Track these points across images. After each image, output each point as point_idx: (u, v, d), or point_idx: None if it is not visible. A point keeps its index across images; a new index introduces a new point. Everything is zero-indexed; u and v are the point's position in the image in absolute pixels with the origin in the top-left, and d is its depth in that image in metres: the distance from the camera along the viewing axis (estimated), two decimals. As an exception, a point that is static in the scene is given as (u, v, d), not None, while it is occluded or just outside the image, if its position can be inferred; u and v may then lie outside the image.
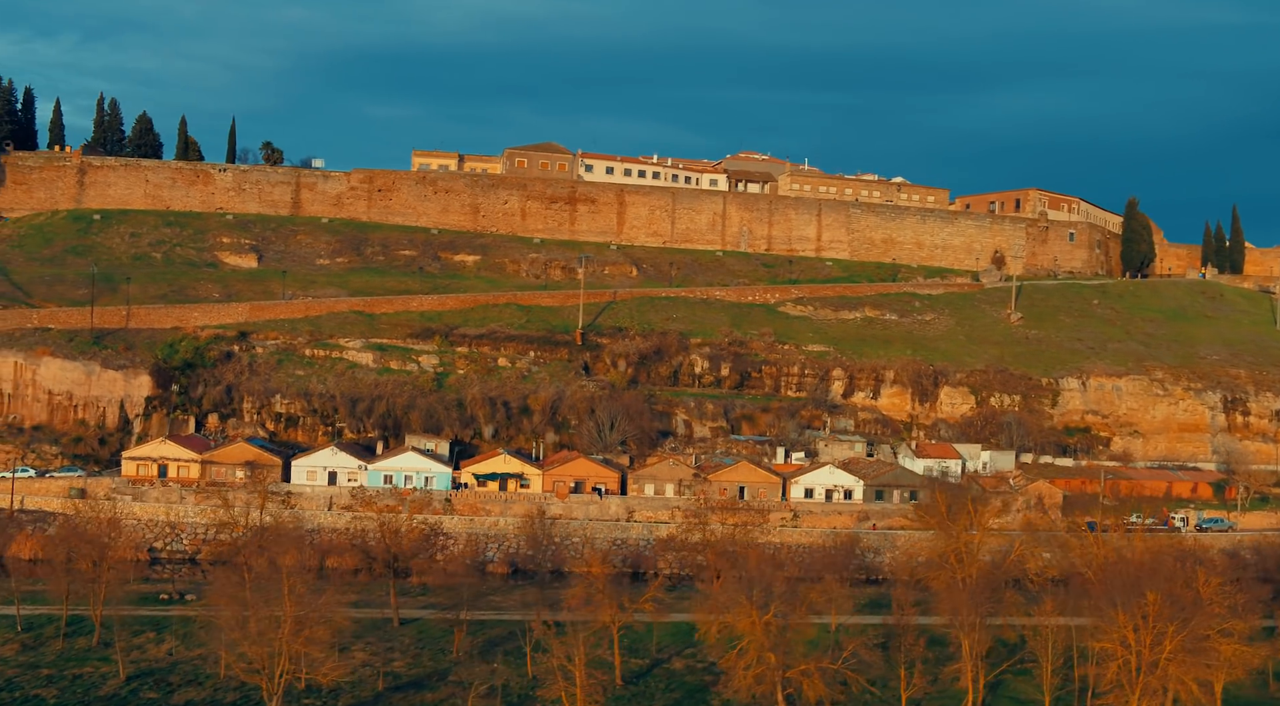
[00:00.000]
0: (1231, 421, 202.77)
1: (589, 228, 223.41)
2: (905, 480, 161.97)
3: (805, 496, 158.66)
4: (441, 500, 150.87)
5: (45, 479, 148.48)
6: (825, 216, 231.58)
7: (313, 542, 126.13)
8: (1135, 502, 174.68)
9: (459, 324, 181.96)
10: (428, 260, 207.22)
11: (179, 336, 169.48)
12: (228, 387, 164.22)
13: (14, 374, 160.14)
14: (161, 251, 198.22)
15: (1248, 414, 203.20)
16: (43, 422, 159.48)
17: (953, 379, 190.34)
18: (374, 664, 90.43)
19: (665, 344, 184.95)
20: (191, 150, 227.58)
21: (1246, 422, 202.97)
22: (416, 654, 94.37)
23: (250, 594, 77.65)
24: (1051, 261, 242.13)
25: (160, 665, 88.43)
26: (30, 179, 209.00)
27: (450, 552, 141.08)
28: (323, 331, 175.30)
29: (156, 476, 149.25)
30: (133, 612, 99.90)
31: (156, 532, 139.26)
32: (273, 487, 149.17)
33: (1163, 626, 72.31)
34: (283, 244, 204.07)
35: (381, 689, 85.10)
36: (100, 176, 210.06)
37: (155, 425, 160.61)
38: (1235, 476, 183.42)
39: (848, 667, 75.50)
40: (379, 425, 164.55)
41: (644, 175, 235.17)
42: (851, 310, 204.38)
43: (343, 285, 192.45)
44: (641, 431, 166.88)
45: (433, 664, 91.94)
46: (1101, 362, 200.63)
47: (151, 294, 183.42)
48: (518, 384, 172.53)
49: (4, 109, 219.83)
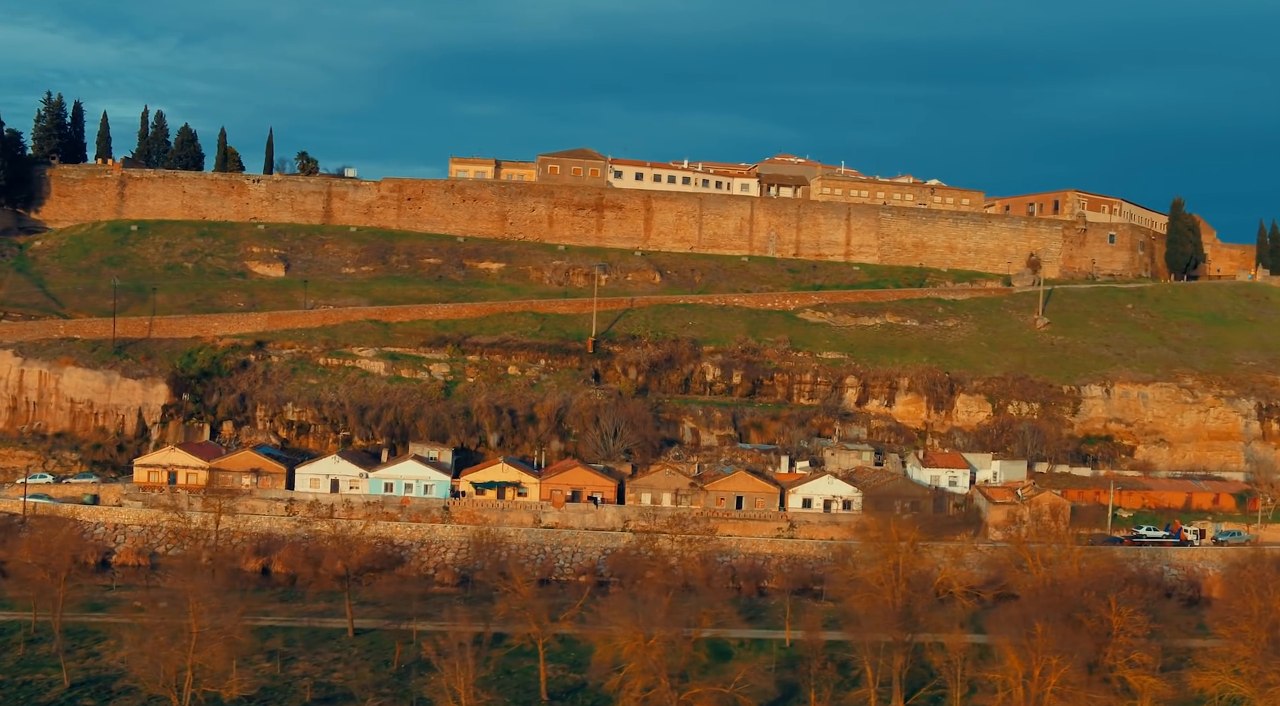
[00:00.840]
0: (1267, 429, 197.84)
1: (616, 234, 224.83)
2: (906, 491, 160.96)
3: (804, 506, 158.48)
4: (439, 508, 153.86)
5: (61, 485, 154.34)
6: (854, 221, 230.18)
7: (259, 550, 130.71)
8: (1152, 514, 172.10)
9: (473, 332, 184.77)
10: (452, 268, 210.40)
11: (198, 346, 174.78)
12: (241, 396, 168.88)
13: (38, 383, 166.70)
14: (193, 261, 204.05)
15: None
16: (65, 430, 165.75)
17: (969, 386, 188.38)
18: (313, 674, 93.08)
19: (676, 351, 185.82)
20: (231, 161, 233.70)
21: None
22: (359, 665, 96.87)
23: (159, 607, 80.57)
24: (1089, 264, 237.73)
25: (108, 673, 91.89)
26: (74, 191, 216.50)
27: (441, 560, 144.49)
28: (338, 340, 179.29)
29: (166, 483, 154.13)
30: (87, 619, 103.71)
31: (130, 536, 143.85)
32: (277, 494, 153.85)
33: (1047, 657, 71.61)
34: (310, 253, 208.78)
35: (309, 699, 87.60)
36: (140, 188, 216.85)
37: (172, 432, 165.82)
38: (1259, 487, 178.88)
39: (740, 691, 75.90)
40: (387, 433, 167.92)
41: (674, 180, 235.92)
42: (872, 316, 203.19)
43: (364, 294, 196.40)
44: (644, 440, 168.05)
45: (372, 676, 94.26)
46: (1128, 369, 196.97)
47: (179, 303, 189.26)
48: (525, 392, 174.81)
49: (52, 123, 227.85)
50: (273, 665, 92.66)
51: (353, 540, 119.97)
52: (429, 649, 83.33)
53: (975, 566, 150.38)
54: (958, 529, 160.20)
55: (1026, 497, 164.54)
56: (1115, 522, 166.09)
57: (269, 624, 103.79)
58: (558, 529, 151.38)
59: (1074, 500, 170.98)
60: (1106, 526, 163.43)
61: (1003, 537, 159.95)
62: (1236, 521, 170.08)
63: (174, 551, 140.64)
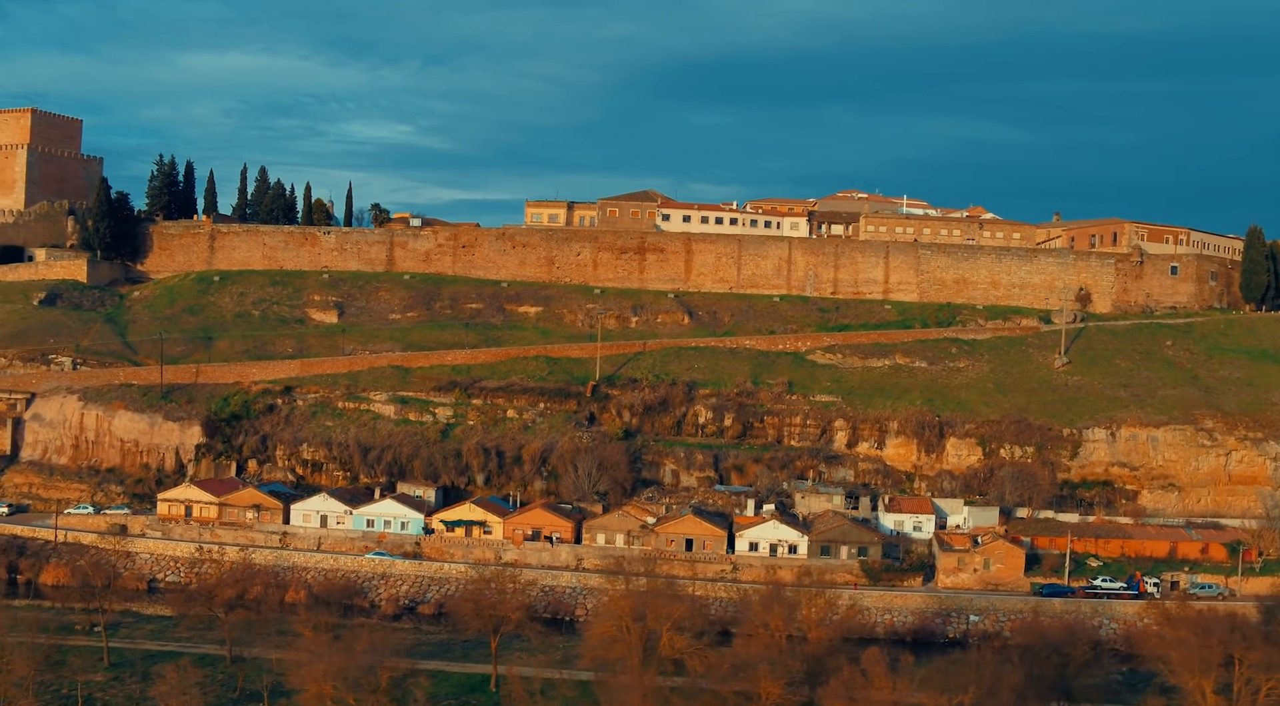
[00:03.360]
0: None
1: (657, 275, 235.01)
2: (855, 536, 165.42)
3: (750, 550, 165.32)
4: (412, 543, 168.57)
5: (99, 515, 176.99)
6: (893, 259, 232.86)
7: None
8: (1131, 563, 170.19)
9: (485, 377, 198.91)
10: (493, 312, 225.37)
11: (235, 391, 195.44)
12: (263, 437, 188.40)
13: (95, 424, 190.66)
14: (261, 309, 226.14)
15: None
16: (115, 465, 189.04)
17: (960, 430, 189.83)
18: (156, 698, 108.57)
19: (671, 395, 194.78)
20: (317, 211, 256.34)
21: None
22: (209, 689, 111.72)
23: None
24: (1145, 297, 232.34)
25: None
26: (172, 245, 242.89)
27: (395, 593, 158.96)
28: (358, 385, 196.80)
29: (183, 516, 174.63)
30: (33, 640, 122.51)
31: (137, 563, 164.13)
32: (273, 528, 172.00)
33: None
34: (365, 300, 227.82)
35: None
36: (227, 241, 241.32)
37: (204, 469, 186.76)
38: (1257, 537, 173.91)
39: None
40: (387, 471, 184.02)
41: (720, 221, 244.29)
42: (882, 357, 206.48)
43: (401, 339, 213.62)
44: (615, 482, 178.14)
45: (203, 697, 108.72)
46: (1141, 411, 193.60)
47: (237, 349, 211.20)
48: (518, 434, 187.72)
49: (164, 183, 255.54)
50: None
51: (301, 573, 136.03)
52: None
53: (905, 613, 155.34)
54: (906, 575, 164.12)
55: (984, 544, 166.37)
56: (1081, 572, 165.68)
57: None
58: (516, 565, 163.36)
59: (1045, 548, 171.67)
60: (1064, 575, 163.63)
61: (950, 585, 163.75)
62: (1215, 573, 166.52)
63: (171, 578, 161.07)
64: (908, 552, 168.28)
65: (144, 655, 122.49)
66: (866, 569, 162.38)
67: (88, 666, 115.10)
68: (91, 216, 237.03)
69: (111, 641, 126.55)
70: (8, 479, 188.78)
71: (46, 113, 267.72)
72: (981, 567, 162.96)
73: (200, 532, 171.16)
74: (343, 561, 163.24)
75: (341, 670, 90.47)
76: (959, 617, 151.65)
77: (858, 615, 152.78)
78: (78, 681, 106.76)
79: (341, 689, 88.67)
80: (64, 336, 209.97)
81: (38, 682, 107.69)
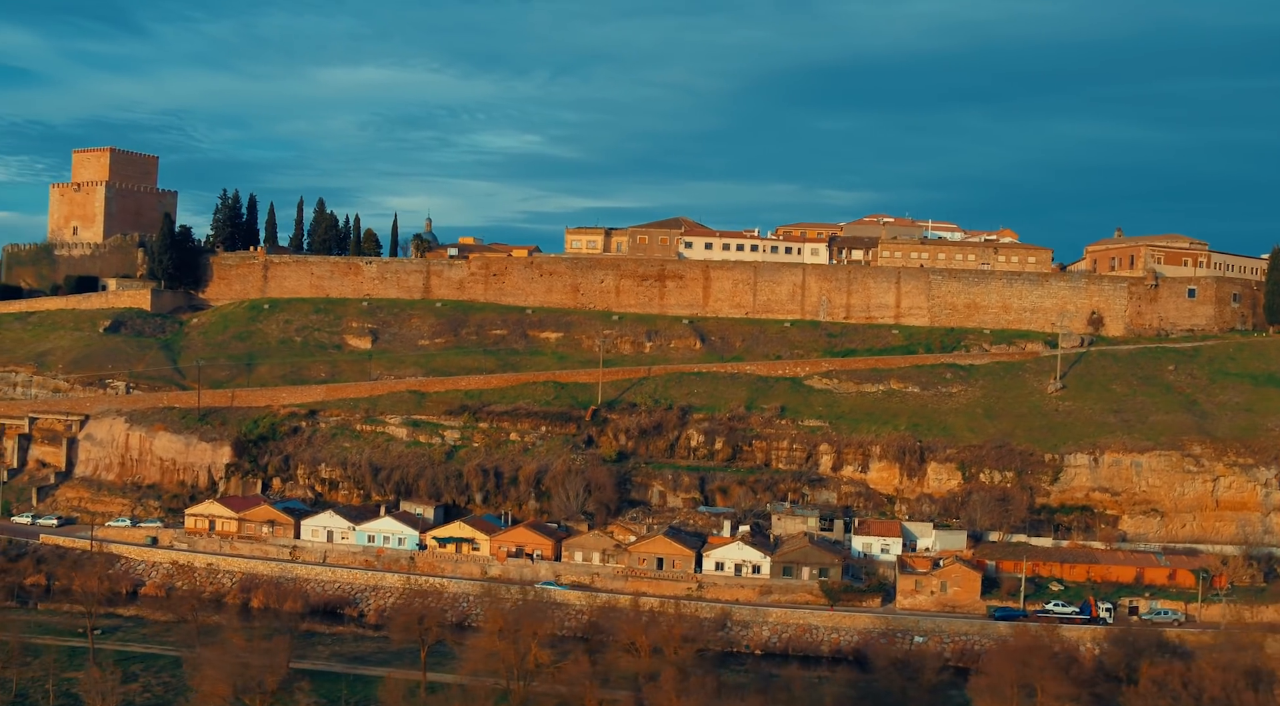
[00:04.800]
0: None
1: (677, 301, 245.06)
2: (816, 558, 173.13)
3: (716, 569, 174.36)
4: (406, 558, 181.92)
5: (136, 527, 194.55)
6: (904, 284, 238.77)
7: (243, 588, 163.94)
8: (1096, 588, 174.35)
9: (494, 401, 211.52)
10: (516, 338, 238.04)
11: (264, 414, 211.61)
12: (286, 457, 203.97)
13: (139, 444, 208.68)
14: (303, 335, 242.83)
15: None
16: (155, 482, 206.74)
17: (941, 455, 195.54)
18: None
19: (665, 419, 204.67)
20: (367, 241, 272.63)
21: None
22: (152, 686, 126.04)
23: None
24: (1158, 320, 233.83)
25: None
26: (229, 274, 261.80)
27: (383, 604, 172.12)
28: (377, 408, 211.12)
29: (207, 529, 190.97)
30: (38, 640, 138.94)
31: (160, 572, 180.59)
32: (284, 541, 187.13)
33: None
34: (398, 326, 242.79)
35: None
36: (278, 271, 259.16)
37: (233, 486, 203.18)
38: (1227, 564, 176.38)
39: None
40: (396, 489, 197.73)
41: (741, 248, 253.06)
42: (876, 383, 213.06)
43: (424, 365, 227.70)
44: (600, 503, 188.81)
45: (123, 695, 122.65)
46: (1128, 437, 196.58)
47: (276, 374, 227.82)
48: (517, 456, 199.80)
49: (227, 217, 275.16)
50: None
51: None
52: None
53: (851, 633, 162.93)
54: (865, 596, 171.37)
55: (943, 567, 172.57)
56: (1042, 596, 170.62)
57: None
58: (499, 580, 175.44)
59: (1010, 571, 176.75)
60: (1020, 599, 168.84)
61: (908, 606, 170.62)
62: (1177, 600, 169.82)
63: (185, 586, 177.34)
64: (870, 574, 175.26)
65: (125, 656, 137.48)
66: (826, 589, 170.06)
67: (70, 666, 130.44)
68: (155, 248, 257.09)
69: (106, 644, 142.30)
70: (62, 493, 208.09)
71: (124, 151, 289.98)
72: (939, 590, 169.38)
73: (221, 545, 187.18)
74: (339, 573, 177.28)
75: (235, 674, 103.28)
76: (904, 638, 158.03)
77: (805, 633, 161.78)
78: (49, 678, 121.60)
79: (233, 692, 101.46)
80: (121, 362, 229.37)
81: (26, 680, 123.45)
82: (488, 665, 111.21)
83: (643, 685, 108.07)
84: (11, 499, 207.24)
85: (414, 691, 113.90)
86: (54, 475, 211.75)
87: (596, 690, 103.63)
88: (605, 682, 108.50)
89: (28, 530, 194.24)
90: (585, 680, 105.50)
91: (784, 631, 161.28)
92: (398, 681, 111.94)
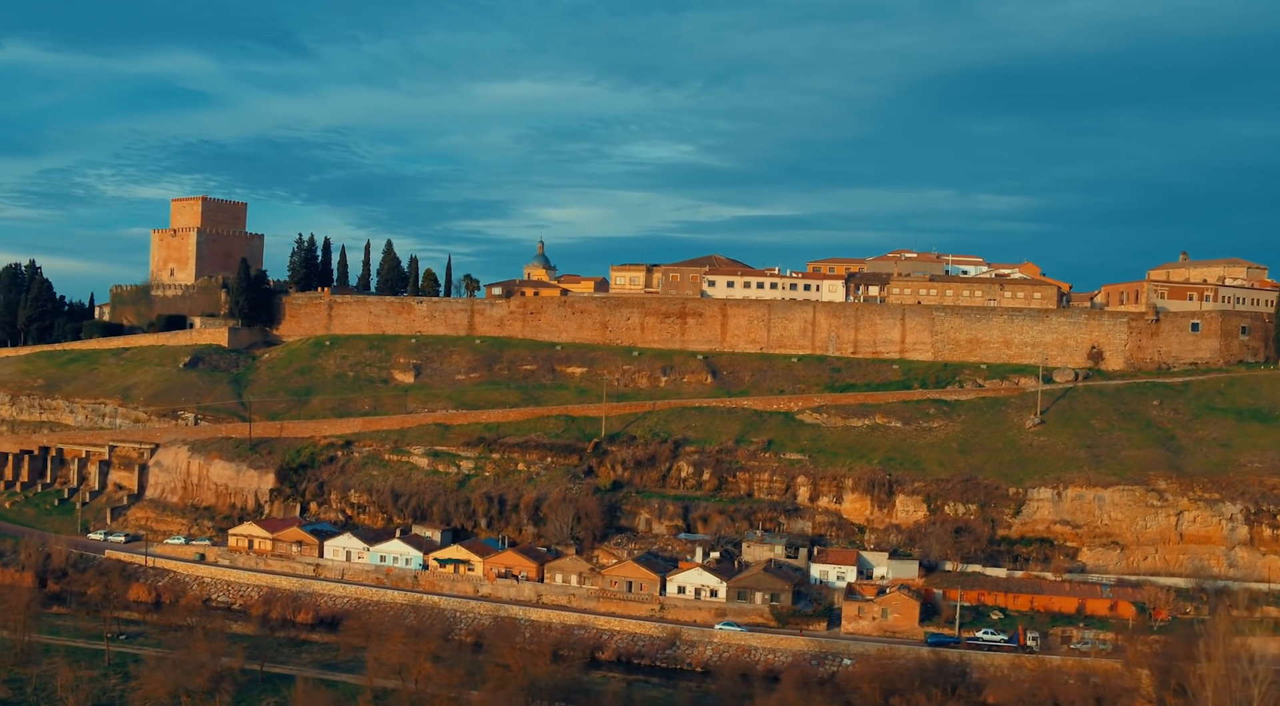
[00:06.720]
0: (1256, 534, 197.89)
1: (697, 337, 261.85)
2: (767, 583, 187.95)
3: (678, 593, 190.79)
4: (410, 577, 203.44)
5: (188, 544, 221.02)
6: (909, 320, 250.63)
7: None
8: (1038, 617, 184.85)
9: (509, 434, 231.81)
10: (544, 373, 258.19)
11: (307, 444, 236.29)
12: (321, 483, 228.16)
13: (198, 470, 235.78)
14: (356, 370, 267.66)
15: (1277, 527, 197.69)
16: (210, 505, 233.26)
17: (909, 487, 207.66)
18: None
19: (659, 451, 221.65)
20: (426, 280, 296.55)
21: (1277, 536, 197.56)
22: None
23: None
24: (1159, 354, 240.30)
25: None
26: (299, 313, 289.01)
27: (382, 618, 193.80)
28: (405, 440, 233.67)
29: (246, 547, 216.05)
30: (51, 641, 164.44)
31: (201, 586, 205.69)
32: (310, 559, 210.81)
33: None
34: (440, 362, 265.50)
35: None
36: (341, 310, 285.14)
37: (276, 509, 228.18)
38: (1166, 597, 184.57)
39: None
40: (413, 514, 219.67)
41: (761, 286, 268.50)
42: (862, 418, 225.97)
43: (457, 399, 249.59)
44: (588, 529, 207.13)
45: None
46: (1094, 472, 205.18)
47: (326, 406, 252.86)
48: (521, 485, 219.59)
49: (302, 259, 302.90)
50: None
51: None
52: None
53: (786, 654, 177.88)
54: (812, 620, 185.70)
55: (886, 594, 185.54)
56: (980, 623, 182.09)
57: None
58: (491, 598, 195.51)
59: (955, 599, 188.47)
60: (955, 626, 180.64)
61: (852, 631, 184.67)
62: (1109, 631, 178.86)
63: (221, 598, 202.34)
64: (818, 600, 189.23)
65: (125, 658, 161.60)
66: (775, 612, 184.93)
67: (89, 666, 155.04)
68: (234, 289, 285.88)
69: (126, 648, 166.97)
70: (132, 513, 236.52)
71: (215, 199, 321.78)
72: (880, 616, 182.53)
73: (256, 561, 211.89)
74: (349, 589, 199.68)
75: (177, 675, 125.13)
76: (833, 660, 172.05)
77: (744, 654, 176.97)
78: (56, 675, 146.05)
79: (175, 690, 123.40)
80: (193, 395, 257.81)
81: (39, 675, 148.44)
82: (388, 669, 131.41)
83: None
84: (90, 517, 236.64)
85: (318, 688, 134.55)
86: (127, 497, 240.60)
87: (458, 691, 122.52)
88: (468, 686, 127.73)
89: (98, 545, 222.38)
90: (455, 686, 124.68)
91: (725, 651, 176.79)
92: (308, 681, 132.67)
